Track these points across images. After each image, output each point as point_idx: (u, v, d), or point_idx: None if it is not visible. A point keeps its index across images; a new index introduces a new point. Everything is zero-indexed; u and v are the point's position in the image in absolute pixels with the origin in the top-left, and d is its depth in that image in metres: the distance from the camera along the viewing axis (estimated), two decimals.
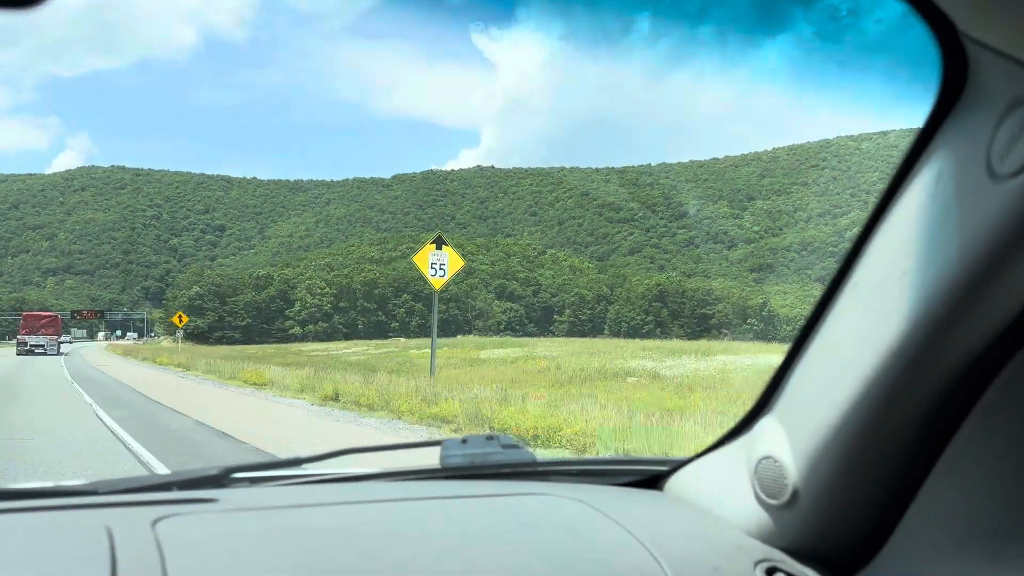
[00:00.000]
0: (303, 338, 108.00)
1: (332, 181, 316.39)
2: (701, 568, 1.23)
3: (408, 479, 1.62)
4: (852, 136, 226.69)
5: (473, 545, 1.22)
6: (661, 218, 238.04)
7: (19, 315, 63.66)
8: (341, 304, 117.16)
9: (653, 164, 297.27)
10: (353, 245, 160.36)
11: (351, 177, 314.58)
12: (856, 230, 1.08)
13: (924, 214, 0.97)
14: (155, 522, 1.15)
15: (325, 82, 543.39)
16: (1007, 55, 0.70)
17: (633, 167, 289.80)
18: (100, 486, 1.39)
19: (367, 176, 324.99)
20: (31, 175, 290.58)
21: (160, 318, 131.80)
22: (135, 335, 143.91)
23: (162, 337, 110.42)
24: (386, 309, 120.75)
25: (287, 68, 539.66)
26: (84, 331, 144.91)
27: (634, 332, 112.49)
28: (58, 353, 53.72)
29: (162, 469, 8.94)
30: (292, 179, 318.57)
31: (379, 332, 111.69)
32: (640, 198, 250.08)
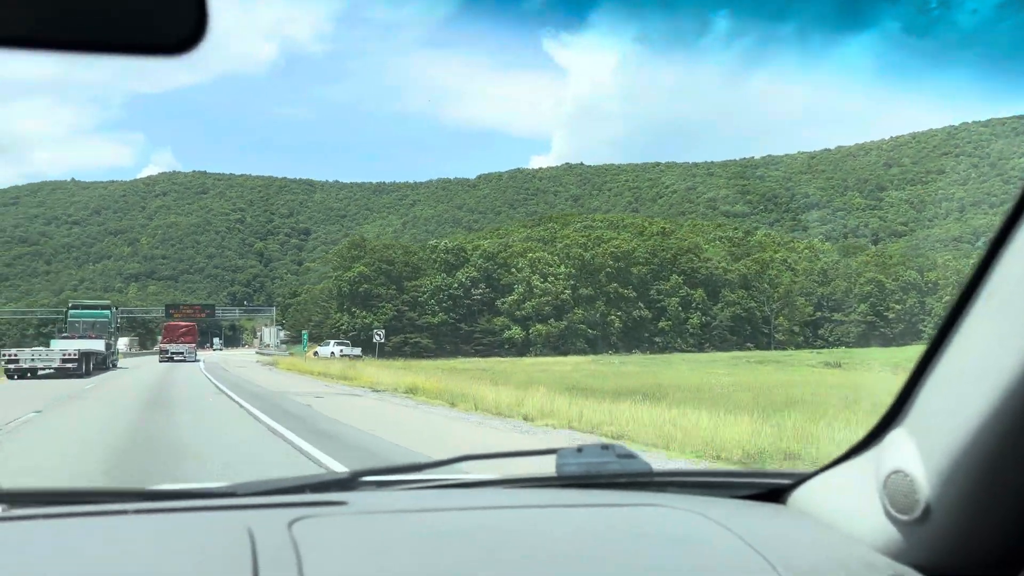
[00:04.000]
0: (526, 346, 68.58)
1: (416, 183, 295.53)
2: None
3: (525, 486, 1.57)
4: (981, 122, 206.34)
5: (588, 554, 1.17)
6: (785, 211, 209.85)
7: None
8: (583, 291, 72.67)
9: (756, 157, 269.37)
10: (507, 228, 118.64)
11: (435, 178, 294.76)
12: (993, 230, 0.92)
13: None
14: (291, 523, 1.16)
15: (397, 92, 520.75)
16: None
17: (734, 160, 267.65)
18: (239, 488, 1.42)
19: (452, 177, 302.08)
20: (112, 182, 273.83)
21: (276, 322, 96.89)
22: (221, 343, 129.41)
23: (284, 347, 74.53)
24: (647, 298, 75.93)
25: (360, 80, 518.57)
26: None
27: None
28: (195, 360, 51.89)
29: None
30: (375, 181, 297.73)
31: (631, 336, 72.14)
32: (755, 191, 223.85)
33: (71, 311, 42.10)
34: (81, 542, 1.11)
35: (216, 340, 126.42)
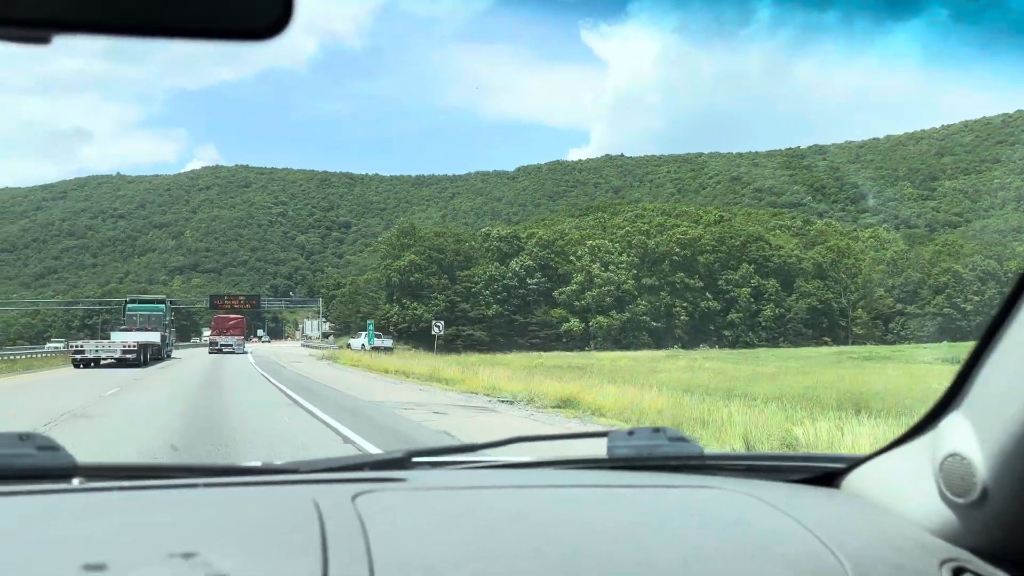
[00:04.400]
0: (585, 339, 63.59)
1: (455, 175, 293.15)
2: (882, 565, 1.14)
3: (576, 468, 1.58)
4: None
5: (642, 533, 1.18)
6: (835, 201, 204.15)
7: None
8: (646, 280, 66.87)
9: (803, 146, 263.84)
10: (552, 218, 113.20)
11: (474, 171, 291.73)
12: None
13: None
14: (354, 497, 1.19)
15: (435, 86, 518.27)
16: None
17: (780, 150, 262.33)
18: (302, 465, 1.47)
19: (490, 169, 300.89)
20: (157, 176, 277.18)
21: (318, 315, 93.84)
22: (268, 336, 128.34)
23: (330, 339, 71.34)
24: (715, 288, 69.79)
25: (399, 73, 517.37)
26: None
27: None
28: (243, 352, 52.18)
29: None
30: (414, 174, 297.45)
31: (698, 329, 66.11)
32: (803, 180, 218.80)
33: (128, 305, 44.35)
34: (154, 513, 1.15)
35: (260, 332, 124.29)
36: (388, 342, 58.91)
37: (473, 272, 67.60)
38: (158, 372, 27.54)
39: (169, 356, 41.97)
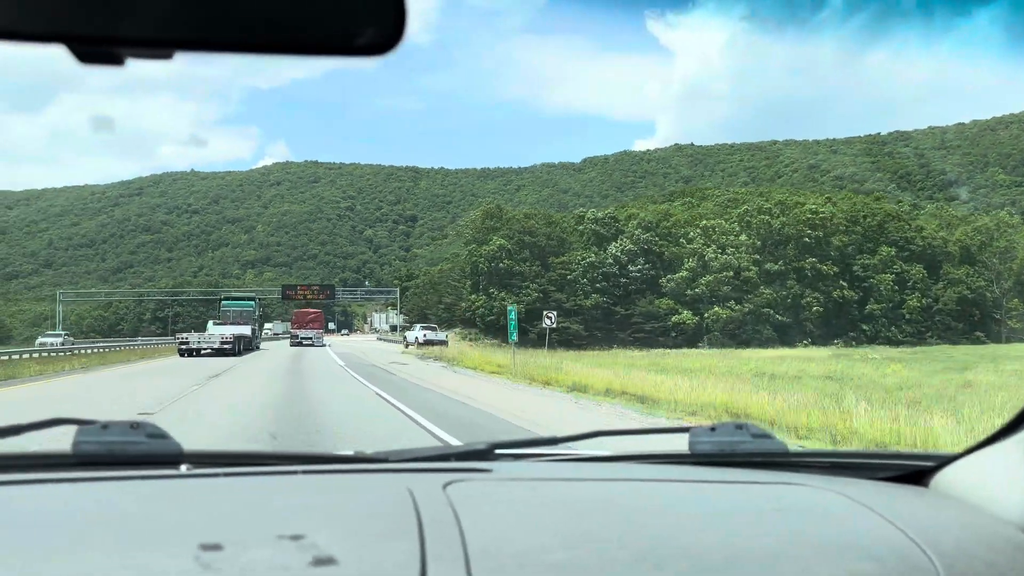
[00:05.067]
0: (698, 334, 55.24)
1: (520, 168, 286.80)
2: (974, 563, 1.10)
3: (658, 462, 1.56)
4: None
5: (729, 526, 1.16)
6: (921, 188, 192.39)
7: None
8: (769, 266, 57.35)
9: (883, 133, 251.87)
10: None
11: (539, 163, 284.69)
12: None
13: None
14: (445, 485, 1.22)
15: (500, 79, 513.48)
16: None
17: (859, 137, 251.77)
18: (391, 455, 1.50)
19: (555, 161, 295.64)
20: (229, 172, 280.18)
21: (393, 307, 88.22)
22: (347, 329, 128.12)
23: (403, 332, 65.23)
24: (850, 274, 59.34)
25: (464, 68, 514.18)
26: (287, 325, 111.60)
27: None
28: (322, 345, 53.68)
29: None
30: (479, 167, 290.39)
31: (830, 323, 57.02)
32: (886, 168, 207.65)
33: (223, 302, 49.02)
34: (259, 498, 1.20)
35: (331, 325, 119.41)
36: (442, 335, 54.73)
37: (569, 258, 60.02)
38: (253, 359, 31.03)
39: (258, 347, 44.94)
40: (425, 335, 51.95)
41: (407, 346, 50.74)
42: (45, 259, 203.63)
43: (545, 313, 31.38)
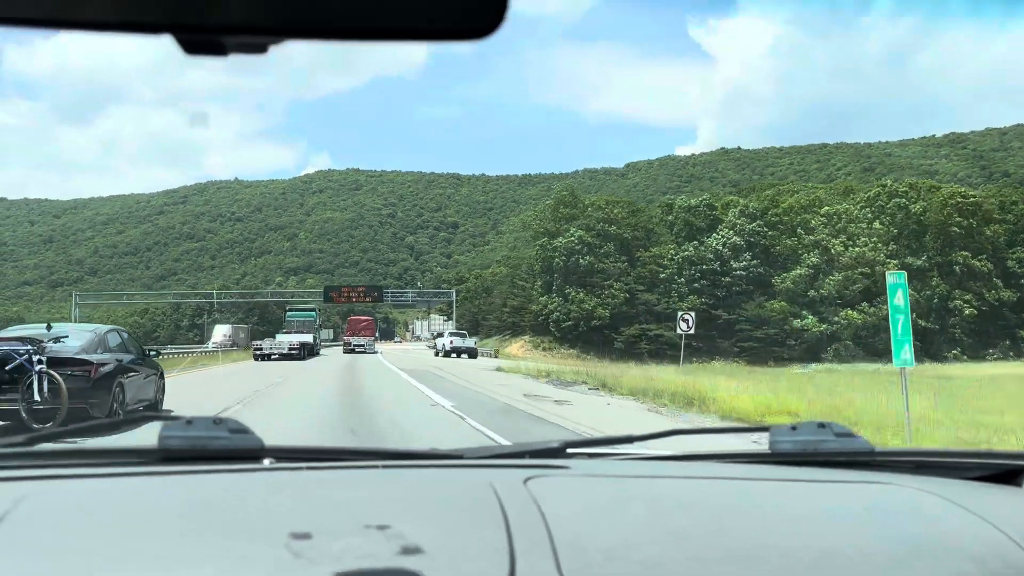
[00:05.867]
0: (820, 344, 44.67)
1: (562, 173, 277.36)
2: None
3: (738, 461, 1.52)
4: None
5: (817, 525, 1.13)
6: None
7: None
8: (910, 260, 45.33)
9: (938, 135, 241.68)
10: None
11: (580, 168, 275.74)
12: None
13: None
14: (526, 480, 1.21)
15: (540, 86, 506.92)
16: None
17: (913, 139, 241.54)
18: (467, 452, 1.50)
19: (598, 167, 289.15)
20: (272, 180, 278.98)
21: (434, 313, 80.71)
22: (398, 338, 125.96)
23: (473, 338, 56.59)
24: (1004, 271, 48.16)
25: (504, 74, 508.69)
26: (331, 331, 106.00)
27: None
28: (374, 352, 53.69)
29: None
30: (520, 174, 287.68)
31: (983, 331, 46.03)
32: (944, 170, 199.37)
33: (288, 313, 56.55)
34: (342, 491, 1.20)
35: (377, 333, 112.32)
36: (470, 342, 49.72)
37: (659, 252, 50.71)
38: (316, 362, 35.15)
39: (319, 353, 48.65)
40: (452, 342, 48.09)
41: (436, 354, 48.55)
42: (91, 267, 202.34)
43: (681, 315, 22.91)
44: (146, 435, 1.38)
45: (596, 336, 49.82)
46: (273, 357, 39.03)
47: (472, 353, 47.04)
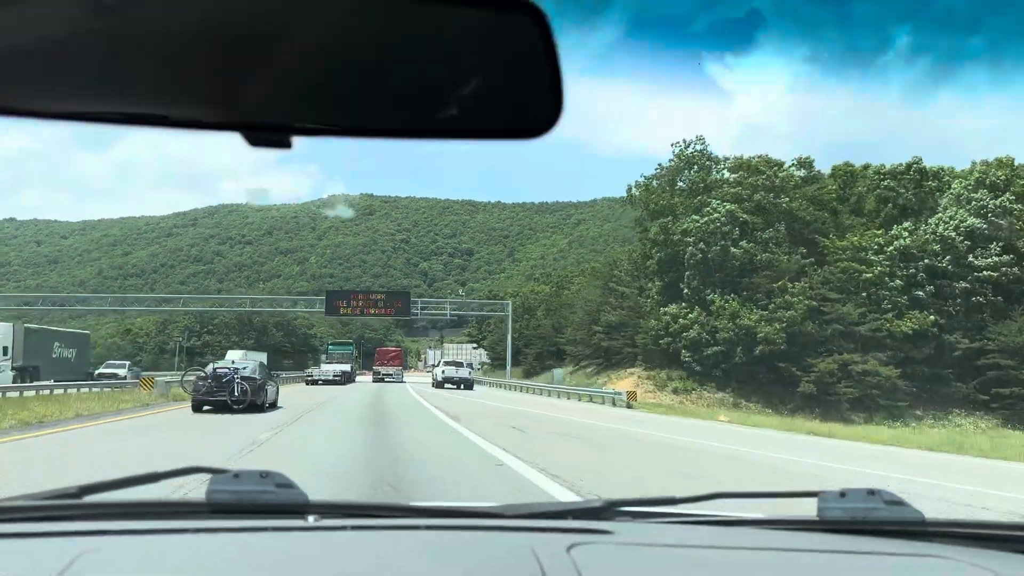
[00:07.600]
0: (864, 399, 28.54)
1: (579, 201, 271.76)
2: None
3: (784, 528, 1.44)
4: None
5: None
6: None
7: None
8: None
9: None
10: None
11: (599, 197, 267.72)
12: None
13: None
14: (569, 548, 1.17)
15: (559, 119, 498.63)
16: None
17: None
18: (506, 510, 1.45)
19: (616, 196, 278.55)
20: (284, 204, 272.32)
21: (441, 342, 68.44)
22: (431, 366, 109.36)
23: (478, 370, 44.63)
24: None
25: None
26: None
27: None
28: (401, 381, 56.91)
29: None
30: (536, 201, 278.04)
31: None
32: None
33: (329, 346, 66.28)
34: (385, 553, 1.19)
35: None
36: (465, 372, 43.48)
37: (861, 242, 32.71)
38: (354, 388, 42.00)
39: (354, 380, 55.43)
40: (444, 372, 44.21)
41: (434, 385, 44.62)
42: (93, 287, 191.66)
43: None
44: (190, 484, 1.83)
45: (763, 370, 33.46)
46: (319, 383, 46.56)
47: (468, 384, 42.79)
